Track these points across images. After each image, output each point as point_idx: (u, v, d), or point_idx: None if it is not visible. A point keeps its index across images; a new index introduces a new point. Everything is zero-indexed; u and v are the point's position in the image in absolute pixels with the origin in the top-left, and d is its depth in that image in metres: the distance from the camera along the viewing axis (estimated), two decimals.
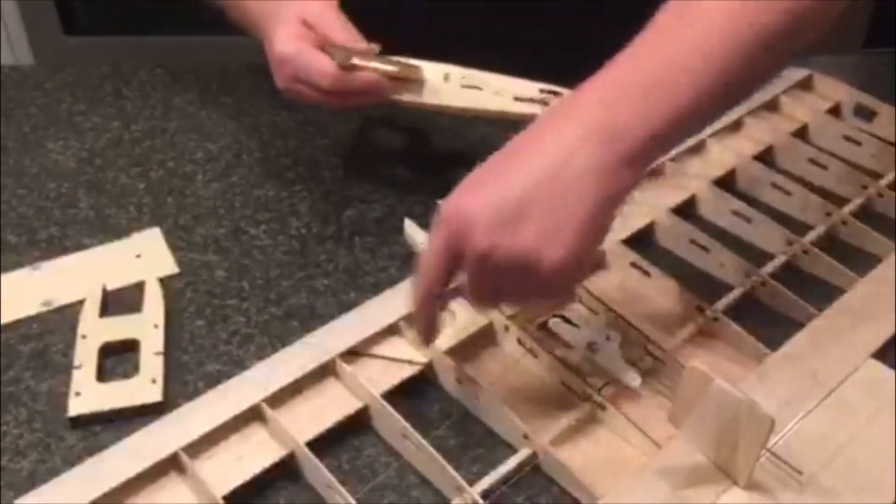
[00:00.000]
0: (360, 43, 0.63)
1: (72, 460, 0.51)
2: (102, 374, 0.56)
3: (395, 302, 0.59)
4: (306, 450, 0.50)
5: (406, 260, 0.65)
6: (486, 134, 0.78)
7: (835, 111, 0.77)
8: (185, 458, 0.49)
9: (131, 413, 0.54)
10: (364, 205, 0.71)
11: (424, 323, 0.51)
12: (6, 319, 0.60)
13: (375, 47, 0.63)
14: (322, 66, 0.62)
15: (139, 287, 0.62)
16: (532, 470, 0.51)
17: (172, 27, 1.46)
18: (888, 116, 0.75)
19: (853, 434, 0.52)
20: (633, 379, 0.55)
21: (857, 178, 0.70)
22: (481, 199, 0.45)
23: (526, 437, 0.51)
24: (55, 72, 0.86)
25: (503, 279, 0.47)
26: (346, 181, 0.73)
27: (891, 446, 0.52)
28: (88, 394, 0.54)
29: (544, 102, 0.63)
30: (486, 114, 0.65)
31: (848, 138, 0.74)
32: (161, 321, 0.59)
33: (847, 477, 0.50)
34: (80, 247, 0.67)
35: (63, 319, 0.61)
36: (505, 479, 0.50)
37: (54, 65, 0.87)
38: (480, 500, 0.48)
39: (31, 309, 0.61)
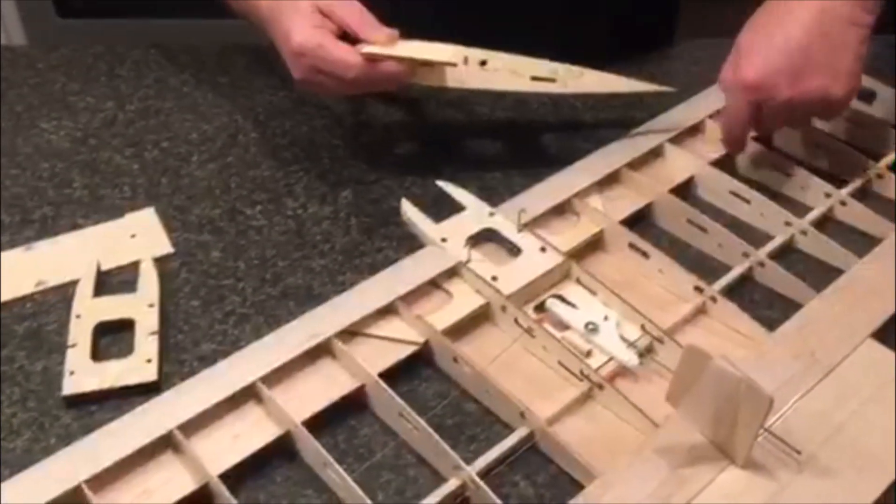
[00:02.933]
0: (380, 29, 0.63)
1: (67, 439, 0.51)
2: (97, 354, 0.56)
3: (392, 282, 0.58)
4: (302, 429, 0.50)
5: (403, 241, 0.64)
6: (483, 112, 0.78)
7: None
8: (180, 436, 0.49)
9: (126, 392, 0.54)
10: (361, 185, 0.70)
11: (736, 148, 0.68)
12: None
13: (396, 33, 0.63)
14: (347, 59, 0.61)
15: (134, 267, 0.62)
16: (529, 449, 0.51)
17: (168, 10, 1.45)
18: (888, 98, 0.75)
19: (852, 413, 0.52)
20: (631, 359, 0.55)
21: (856, 159, 0.70)
22: (775, 66, 0.61)
23: (523, 416, 0.51)
24: (49, 51, 0.85)
25: (800, 113, 0.64)
26: (343, 161, 0.73)
27: (890, 425, 0.51)
28: (83, 373, 0.54)
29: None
30: (504, 92, 0.68)
31: (848, 119, 0.73)
32: (156, 301, 0.59)
33: (846, 456, 0.50)
34: (74, 226, 0.66)
35: (57, 299, 0.60)
36: (502, 458, 0.50)
37: (48, 46, 0.87)
38: (478, 479, 0.47)
39: (25, 288, 0.61)
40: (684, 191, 0.68)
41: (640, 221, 0.66)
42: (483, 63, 0.65)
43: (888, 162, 0.70)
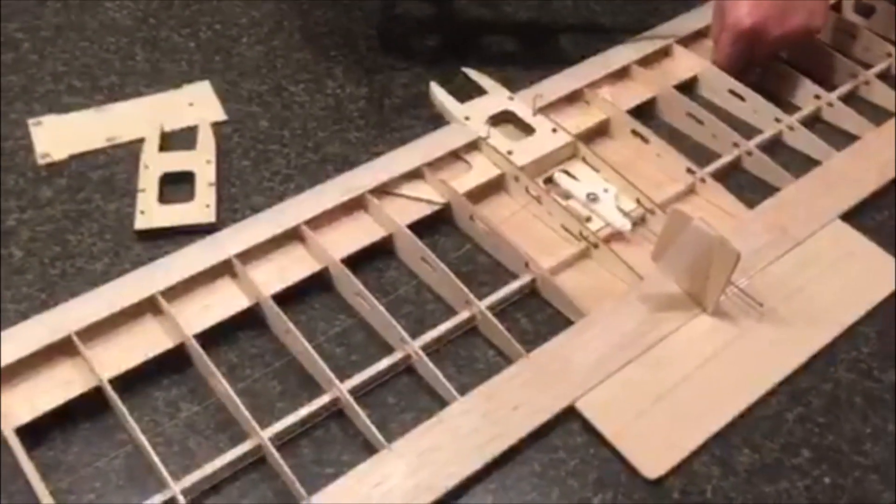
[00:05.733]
0: None
1: (139, 265, 0.59)
2: (163, 199, 0.64)
3: (420, 152, 0.66)
4: (340, 264, 0.58)
5: (430, 120, 0.72)
6: (508, 11, 0.84)
7: (836, 6, 0.82)
8: (237, 263, 0.57)
9: (188, 231, 0.62)
10: (394, 71, 0.78)
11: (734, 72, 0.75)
12: (75, 150, 0.68)
13: None
14: None
15: (192, 130, 0.70)
16: (531, 293, 0.59)
17: None
18: (885, 13, 0.80)
19: (811, 279, 0.60)
20: (625, 225, 0.62)
21: (848, 67, 0.76)
22: (763, 12, 0.70)
23: (527, 265, 0.59)
24: None
25: (787, 47, 0.76)
26: (378, 50, 0.80)
27: (844, 292, 0.59)
28: (152, 212, 0.63)
29: None
30: None
31: (845, 31, 0.79)
32: (213, 158, 0.67)
33: (801, 312, 0.58)
34: (138, 94, 0.74)
35: (126, 153, 0.69)
36: (507, 299, 0.58)
37: None
38: (486, 311, 0.56)
39: (98, 143, 0.69)
40: (687, 88, 0.75)
41: (644, 114, 0.73)
42: None
43: (877, 71, 0.76)
